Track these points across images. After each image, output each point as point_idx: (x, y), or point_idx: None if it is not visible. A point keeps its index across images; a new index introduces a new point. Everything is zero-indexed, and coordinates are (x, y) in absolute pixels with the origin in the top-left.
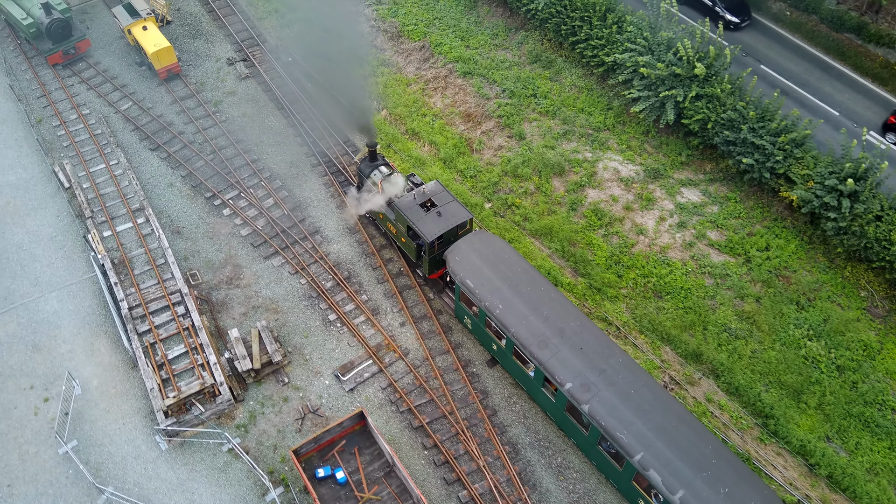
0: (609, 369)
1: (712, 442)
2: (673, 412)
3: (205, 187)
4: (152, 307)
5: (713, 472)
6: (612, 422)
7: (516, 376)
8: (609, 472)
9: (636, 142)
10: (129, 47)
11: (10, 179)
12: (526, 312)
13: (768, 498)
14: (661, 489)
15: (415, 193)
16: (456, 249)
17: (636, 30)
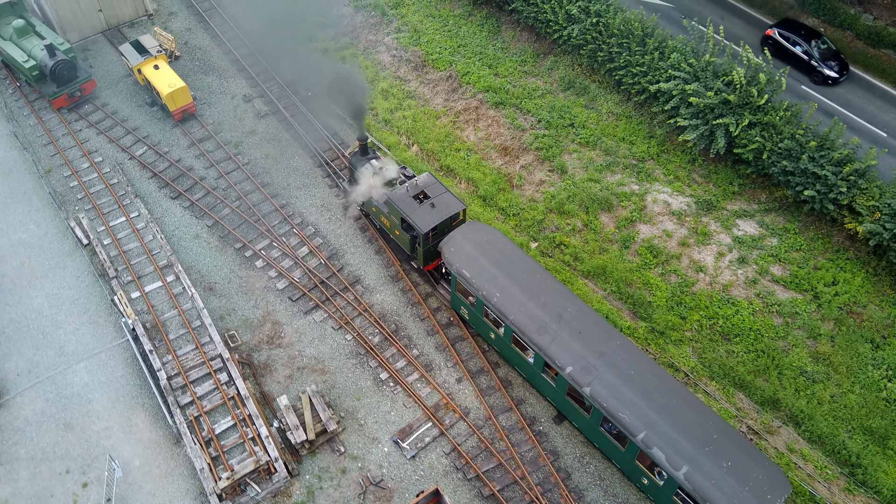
0: (609, 352)
1: (713, 418)
2: (674, 391)
3: (233, 237)
4: (192, 375)
5: (715, 448)
6: (614, 403)
7: (516, 364)
8: (612, 454)
9: (683, 171)
10: (137, 86)
11: (22, 237)
12: (524, 299)
13: (771, 470)
14: (665, 466)
15: (407, 186)
16: (450, 240)
17: (679, 56)
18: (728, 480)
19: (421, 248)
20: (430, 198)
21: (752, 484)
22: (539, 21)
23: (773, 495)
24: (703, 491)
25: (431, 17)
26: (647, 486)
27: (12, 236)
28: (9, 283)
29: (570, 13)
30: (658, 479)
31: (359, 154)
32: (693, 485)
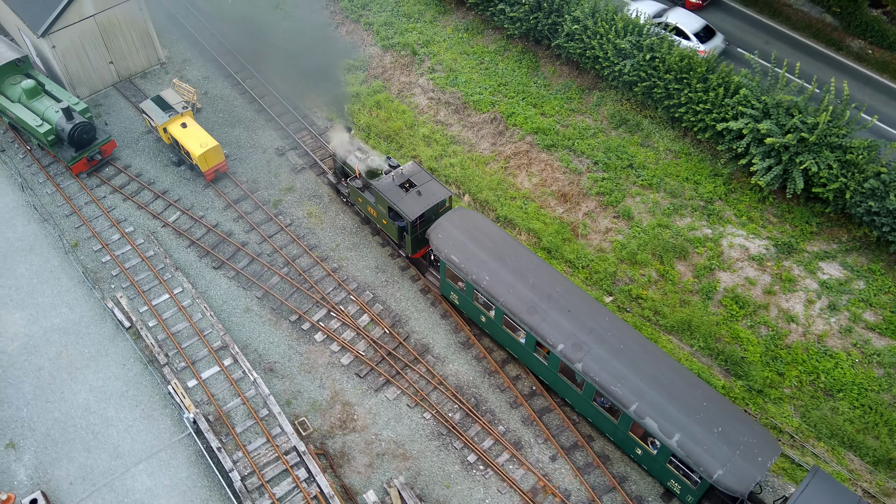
0: (598, 328)
1: (702, 387)
2: (662, 363)
3: (287, 309)
4: (268, 474)
5: (706, 415)
6: (606, 376)
7: (507, 345)
8: (605, 427)
9: (755, 212)
10: (160, 144)
11: (55, 323)
12: (512, 281)
13: (760, 433)
14: (658, 434)
15: (393, 175)
16: (438, 227)
17: (748, 92)
18: (719, 445)
19: (409, 236)
20: (417, 186)
21: (743, 447)
22: (586, 57)
23: (764, 457)
24: (695, 456)
25: (465, 55)
26: (640, 455)
27: (44, 323)
28: (47, 377)
29: (620, 48)
30: (651, 448)
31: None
32: (686, 451)
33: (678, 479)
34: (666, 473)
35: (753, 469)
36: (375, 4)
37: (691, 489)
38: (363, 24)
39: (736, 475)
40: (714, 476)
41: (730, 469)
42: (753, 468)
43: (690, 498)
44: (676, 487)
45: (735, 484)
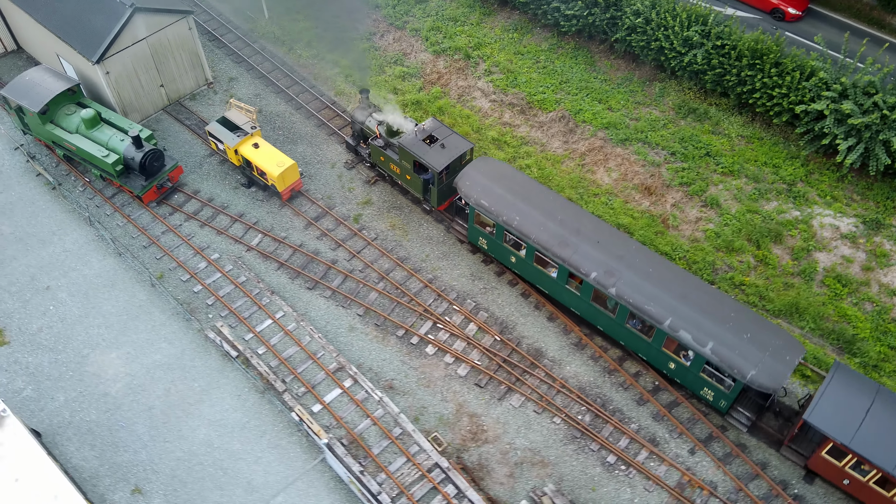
0: (627, 255)
1: (729, 301)
2: (690, 282)
3: (391, 324)
4: (417, 493)
5: (734, 324)
6: (639, 297)
7: (538, 282)
8: (638, 347)
9: (838, 191)
10: (224, 167)
11: (155, 359)
12: (542, 220)
13: (785, 337)
14: (692, 344)
15: (416, 130)
16: (465, 175)
17: (826, 74)
18: (750, 348)
19: (435, 187)
20: (439, 139)
21: (771, 350)
22: (649, 49)
23: (791, 357)
24: (728, 360)
25: (520, 55)
26: (674, 370)
27: (144, 360)
28: (160, 416)
29: (687, 38)
30: (684, 360)
31: (361, 107)
32: (719, 357)
33: (711, 386)
34: (699, 382)
35: (783, 367)
36: (418, 10)
37: (724, 393)
38: (409, 30)
39: (767, 373)
40: (748, 376)
41: (761, 369)
42: (783, 366)
43: (724, 402)
44: (709, 395)
45: (768, 381)
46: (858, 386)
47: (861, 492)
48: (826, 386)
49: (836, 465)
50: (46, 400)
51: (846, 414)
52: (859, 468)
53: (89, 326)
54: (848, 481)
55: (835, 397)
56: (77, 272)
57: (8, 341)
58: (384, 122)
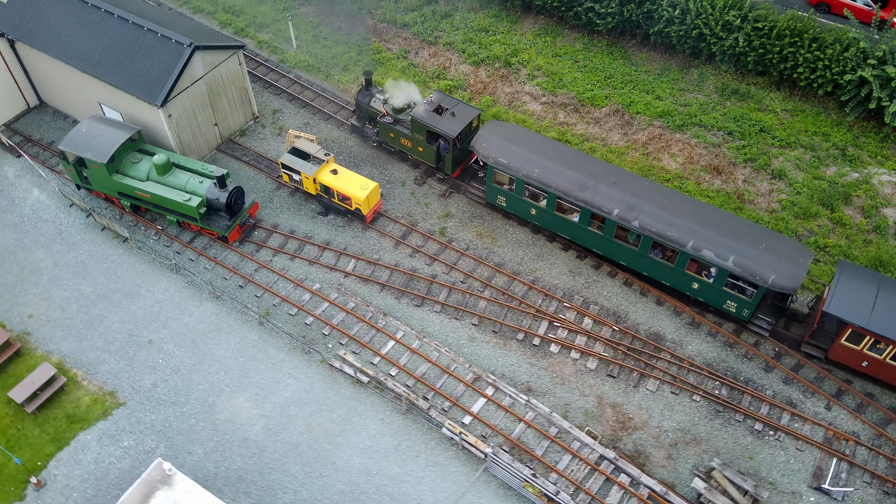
0: (643, 191)
1: (741, 220)
2: (704, 208)
3: (508, 329)
4: (593, 487)
5: (750, 238)
6: (661, 226)
7: (558, 230)
8: (662, 275)
9: (887, 150)
10: (293, 197)
11: (286, 396)
12: (560, 169)
13: (796, 245)
14: (716, 260)
15: (425, 103)
16: (480, 138)
17: (866, 44)
18: (767, 257)
19: (450, 154)
20: (448, 109)
21: (785, 255)
22: (689, 37)
23: (804, 260)
24: (750, 269)
25: (558, 57)
26: (697, 290)
27: (274, 399)
28: (309, 452)
29: (728, 23)
30: (706, 278)
31: (364, 90)
32: (741, 267)
33: (734, 297)
34: (722, 297)
35: (798, 269)
36: (446, 24)
37: (747, 302)
38: (442, 44)
39: (786, 276)
40: (769, 280)
41: (780, 272)
42: (798, 268)
43: (746, 311)
44: (732, 307)
45: (787, 283)
46: (864, 277)
47: (880, 370)
48: (837, 280)
49: (855, 349)
50: (184, 455)
51: (859, 301)
52: (876, 348)
53: (207, 374)
54: (867, 363)
55: (846, 289)
56: (177, 321)
57: (124, 402)
58: (389, 101)
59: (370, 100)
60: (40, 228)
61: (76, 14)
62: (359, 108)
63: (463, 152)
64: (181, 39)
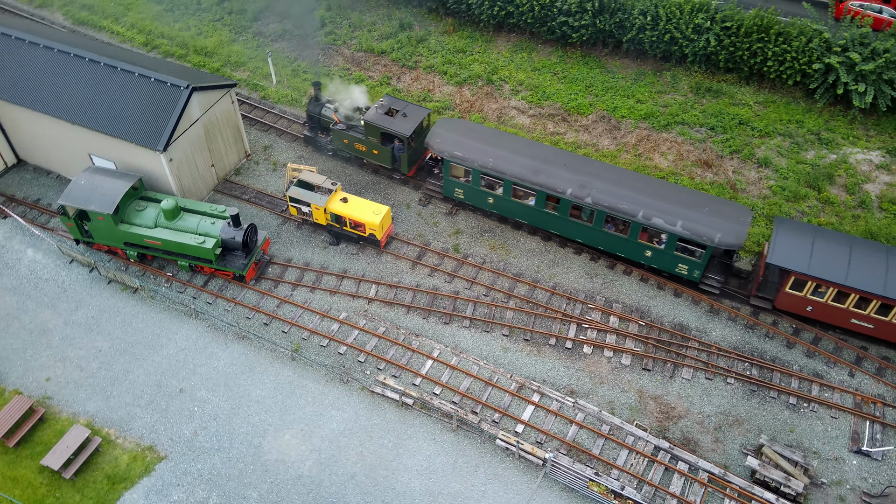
0: (592, 171)
1: (686, 190)
2: (650, 181)
3: (539, 336)
4: (654, 478)
5: (694, 204)
6: (612, 200)
7: (518, 215)
8: (616, 246)
9: (856, 131)
10: (301, 230)
11: (332, 428)
12: (513, 157)
13: (735, 205)
14: (665, 227)
15: (376, 107)
16: (434, 134)
17: (828, 35)
18: (711, 218)
19: (406, 153)
20: (399, 111)
21: (727, 216)
22: (662, 41)
23: (744, 219)
24: (698, 231)
25: (537, 71)
26: (650, 257)
27: (320, 432)
28: (366, 481)
29: (698, 25)
30: (658, 245)
31: (315, 101)
32: (690, 230)
33: (684, 260)
34: (674, 261)
35: (740, 227)
36: (423, 49)
37: (697, 263)
38: (423, 68)
39: (730, 234)
40: (716, 240)
41: (724, 232)
42: (740, 226)
43: (697, 272)
44: (684, 269)
45: (733, 240)
46: (800, 229)
47: (823, 313)
48: (776, 234)
49: (799, 295)
50: (239, 501)
51: (798, 251)
52: (818, 292)
53: (247, 416)
54: (811, 307)
55: (785, 241)
56: (206, 366)
57: (165, 455)
58: (340, 108)
59: (321, 109)
60: (42, 289)
61: (59, 65)
62: (310, 118)
63: (417, 151)
64: (177, 82)
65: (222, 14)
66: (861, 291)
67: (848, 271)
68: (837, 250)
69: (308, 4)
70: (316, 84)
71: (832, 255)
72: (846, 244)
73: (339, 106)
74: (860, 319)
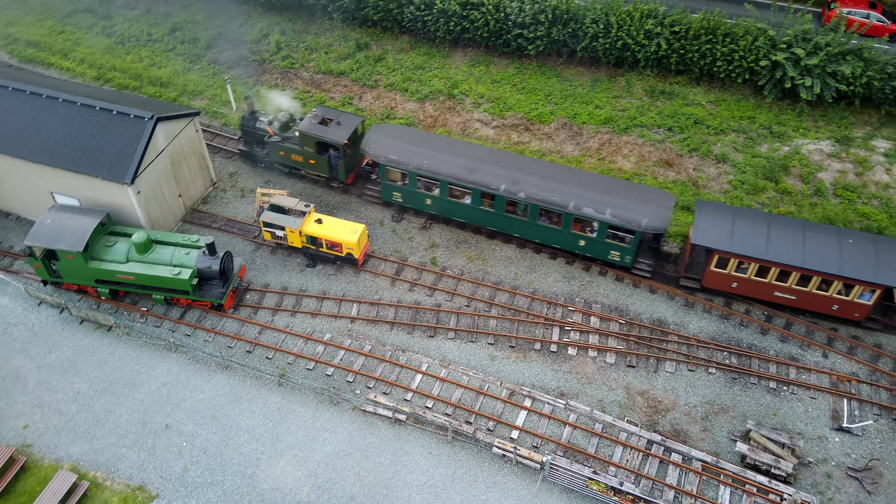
0: (523, 167)
1: (612, 179)
2: (578, 173)
3: (524, 341)
4: (651, 471)
5: (620, 192)
6: (544, 194)
7: (455, 214)
8: (550, 238)
9: (806, 123)
10: (276, 255)
11: (326, 451)
12: (448, 158)
13: (659, 191)
14: (595, 215)
15: (309, 118)
16: (369, 140)
17: (773, 33)
18: (637, 205)
19: (343, 161)
20: (333, 120)
21: (653, 202)
22: (615, 48)
23: (668, 204)
24: (626, 217)
25: (496, 83)
26: (584, 246)
27: (316, 456)
28: (367, 501)
29: (649, 31)
30: (590, 233)
31: (248, 116)
32: (618, 217)
33: (615, 247)
34: (605, 248)
35: (664, 211)
36: (381, 67)
37: (627, 249)
38: (383, 86)
39: (656, 218)
40: (643, 224)
41: (650, 217)
42: (664, 211)
43: (628, 258)
44: (616, 256)
45: (658, 223)
46: (719, 210)
47: (748, 288)
48: (698, 216)
49: (724, 273)
50: None
51: (720, 231)
52: (741, 268)
53: (238, 446)
54: (736, 284)
55: (707, 222)
56: (190, 400)
57: (157, 494)
58: (275, 121)
59: (255, 123)
60: (10, 333)
61: (15, 104)
62: (245, 132)
63: (353, 158)
64: (140, 113)
65: (175, 44)
66: (780, 265)
67: (767, 247)
68: (756, 228)
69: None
70: (248, 98)
71: (752, 233)
72: (765, 221)
73: (274, 119)
74: (783, 292)
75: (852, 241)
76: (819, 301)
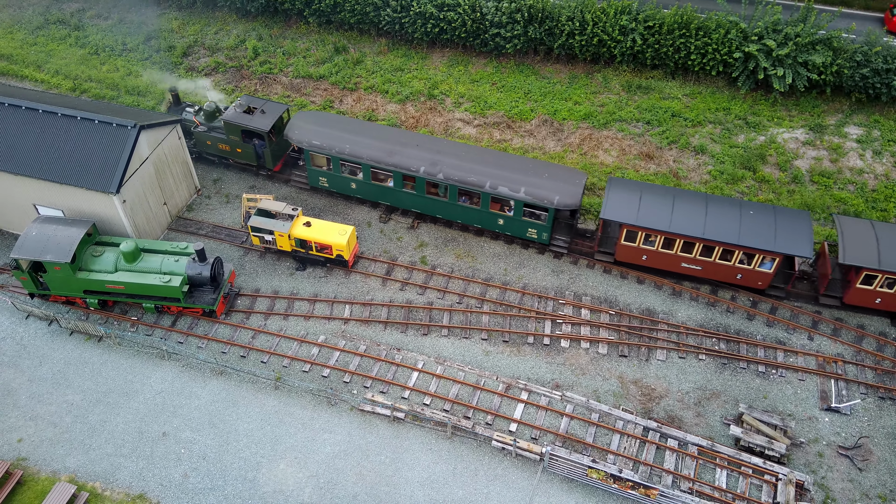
0: (443, 149)
1: (527, 159)
2: (493, 154)
3: (517, 336)
4: (648, 457)
5: (533, 171)
6: (462, 174)
7: (381, 198)
8: (471, 218)
9: (779, 113)
10: (265, 259)
11: (328, 452)
12: (369, 142)
13: (571, 170)
14: (510, 194)
15: (234, 107)
16: (292, 127)
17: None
18: (550, 182)
19: (268, 149)
20: (258, 108)
21: (564, 180)
22: (591, 44)
23: (580, 180)
24: (539, 195)
25: (475, 82)
26: (502, 225)
27: (317, 457)
28: (369, 500)
29: (623, 27)
30: (508, 212)
31: (174, 105)
32: (532, 195)
33: (532, 224)
34: (523, 226)
35: (576, 188)
36: (361, 70)
37: (543, 226)
38: (363, 89)
39: (567, 195)
40: (555, 201)
41: (562, 194)
42: (575, 188)
43: (545, 234)
44: (533, 233)
45: (570, 200)
46: (628, 187)
47: (656, 260)
48: (608, 193)
49: (633, 246)
50: None
51: (628, 206)
52: (648, 241)
53: (237, 451)
54: (645, 256)
55: (616, 198)
56: (187, 406)
57: (157, 502)
58: (201, 111)
59: (181, 114)
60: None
61: None
62: None
63: (280, 146)
64: (123, 122)
65: (150, 53)
66: (684, 236)
67: (671, 219)
68: (662, 202)
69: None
70: (172, 89)
71: (657, 207)
72: (670, 196)
73: (200, 109)
74: (689, 263)
75: (753, 213)
76: (723, 271)
